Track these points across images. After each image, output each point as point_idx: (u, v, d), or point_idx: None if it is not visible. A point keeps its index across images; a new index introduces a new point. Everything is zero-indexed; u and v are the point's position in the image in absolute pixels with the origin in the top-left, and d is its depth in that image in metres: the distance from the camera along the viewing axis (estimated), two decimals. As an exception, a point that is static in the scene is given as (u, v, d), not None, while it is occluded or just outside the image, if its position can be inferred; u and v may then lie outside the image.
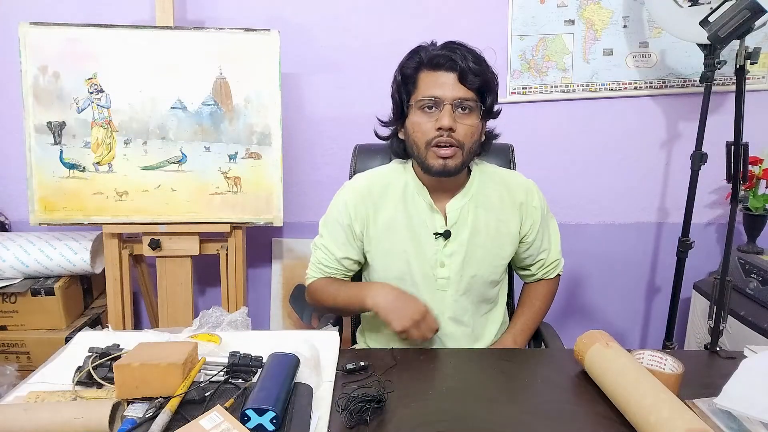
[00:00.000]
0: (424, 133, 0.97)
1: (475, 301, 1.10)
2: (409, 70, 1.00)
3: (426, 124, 0.97)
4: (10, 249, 1.74)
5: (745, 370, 0.80)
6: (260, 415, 0.69)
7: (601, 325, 2.12)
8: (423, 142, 0.98)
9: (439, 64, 0.96)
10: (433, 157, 0.98)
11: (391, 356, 0.93)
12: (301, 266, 2.03)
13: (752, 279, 1.69)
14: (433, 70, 0.97)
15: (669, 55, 1.85)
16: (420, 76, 0.99)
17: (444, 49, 0.97)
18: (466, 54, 0.96)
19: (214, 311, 1.04)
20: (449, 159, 0.97)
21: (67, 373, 0.84)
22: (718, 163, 1.31)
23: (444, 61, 0.96)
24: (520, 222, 1.10)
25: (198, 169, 1.66)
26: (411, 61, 1.00)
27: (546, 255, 1.17)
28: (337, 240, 1.11)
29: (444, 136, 0.95)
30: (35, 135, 1.60)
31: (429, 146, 0.97)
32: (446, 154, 0.96)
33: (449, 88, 0.96)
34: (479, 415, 0.77)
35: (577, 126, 1.93)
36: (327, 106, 1.91)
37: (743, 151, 1.15)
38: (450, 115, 0.94)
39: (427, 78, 0.98)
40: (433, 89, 0.96)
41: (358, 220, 1.08)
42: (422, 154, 0.99)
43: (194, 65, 1.62)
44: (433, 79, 0.97)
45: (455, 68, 0.95)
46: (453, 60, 0.95)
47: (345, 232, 1.09)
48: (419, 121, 0.98)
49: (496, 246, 1.08)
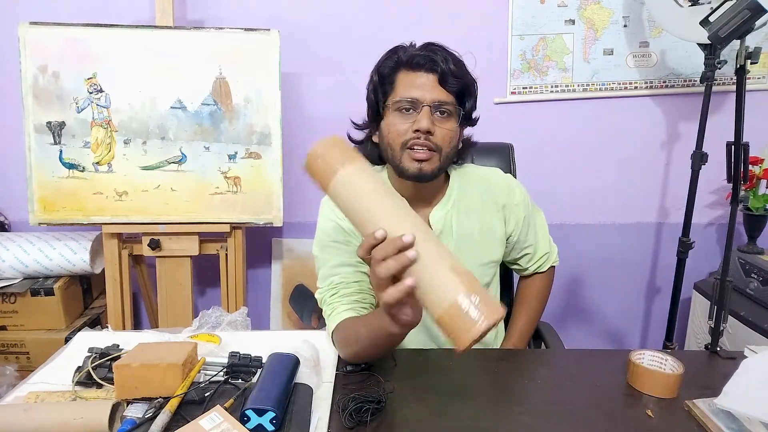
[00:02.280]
0: (400, 134, 0.92)
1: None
2: (387, 69, 0.95)
3: (402, 125, 0.92)
4: (10, 249, 1.74)
5: (745, 370, 0.80)
6: (260, 416, 0.69)
7: (601, 325, 2.12)
8: (398, 144, 0.93)
9: (419, 65, 0.92)
10: (408, 159, 0.92)
11: (391, 356, 0.93)
12: (301, 266, 2.03)
13: (752, 279, 1.69)
14: (412, 71, 0.93)
15: (669, 55, 1.85)
16: (398, 77, 0.94)
17: (424, 50, 0.93)
18: (447, 56, 0.93)
19: (214, 311, 1.04)
20: (425, 162, 0.92)
21: (66, 374, 0.84)
22: (719, 163, 1.31)
23: (424, 61, 0.91)
24: (504, 223, 1.07)
25: (198, 169, 1.66)
26: (389, 61, 0.95)
27: (532, 249, 1.14)
28: (341, 252, 1.00)
29: (421, 139, 0.90)
30: (35, 135, 1.60)
31: (404, 148, 0.92)
32: (422, 156, 0.91)
33: (428, 89, 0.91)
34: (479, 415, 0.77)
35: (577, 126, 1.93)
36: (327, 106, 1.91)
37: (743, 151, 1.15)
38: (428, 117, 0.90)
39: (405, 78, 0.93)
40: (412, 90, 0.91)
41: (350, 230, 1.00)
42: (397, 156, 0.93)
43: (194, 65, 1.62)
44: (412, 80, 0.92)
45: (435, 69, 0.91)
46: (433, 61, 0.91)
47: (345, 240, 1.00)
48: (395, 122, 0.93)
49: (484, 250, 1.05)
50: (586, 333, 2.12)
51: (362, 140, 1.05)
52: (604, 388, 0.85)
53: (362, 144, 1.05)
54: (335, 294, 0.97)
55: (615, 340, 2.13)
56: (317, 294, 1.01)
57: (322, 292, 1.00)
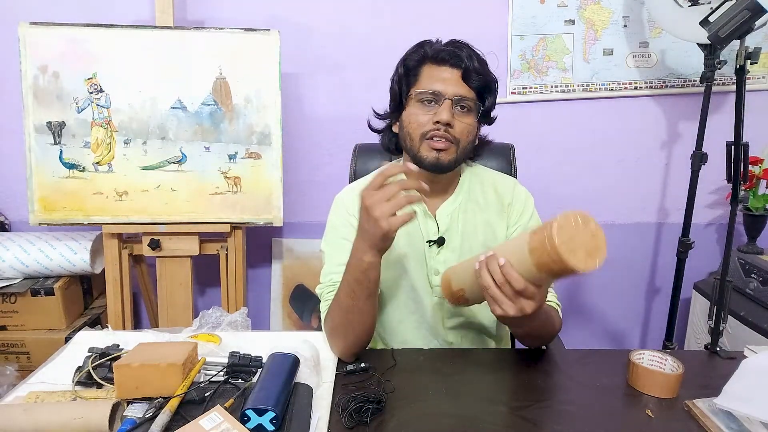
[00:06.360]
0: (421, 124, 0.95)
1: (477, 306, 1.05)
2: (413, 62, 0.99)
3: (423, 116, 0.95)
4: (10, 249, 1.74)
5: (745, 370, 0.80)
6: (260, 416, 0.69)
7: (601, 325, 2.12)
8: (418, 134, 0.96)
9: (444, 60, 0.96)
10: (426, 149, 0.95)
11: (391, 356, 0.93)
12: (301, 266, 2.03)
13: (752, 279, 1.69)
14: (436, 65, 0.96)
15: (669, 55, 1.85)
16: (423, 69, 0.98)
17: (450, 46, 0.97)
18: (471, 54, 0.96)
19: (214, 311, 1.04)
20: (443, 152, 0.95)
21: (66, 373, 0.84)
22: (718, 163, 1.31)
23: (449, 56, 0.95)
24: (506, 226, 1.07)
25: (198, 169, 1.66)
26: (415, 54, 0.99)
27: None
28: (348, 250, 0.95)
29: (441, 131, 0.93)
30: (35, 135, 1.60)
31: (424, 138, 0.95)
32: (440, 146, 0.94)
33: (451, 84, 0.94)
34: (479, 415, 0.77)
35: (577, 126, 1.93)
36: (327, 106, 1.91)
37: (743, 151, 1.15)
38: (449, 110, 0.93)
39: (429, 71, 0.97)
40: (435, 83, 0.95)
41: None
42: (416, 146, 0.97)
43: (194, 65, 1.62)
44: (436, 74, 0.96)
45: (459, 65, 0.95)
46: (458, 57, 0.95)
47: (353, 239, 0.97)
48: (417, 113, 0.96)
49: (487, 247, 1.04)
50: (586, 333, 2.12)
51: (382, 129, 1.09)
52: (604, 388, 0.85)
53: (381, 133, 1.09)
54: (332, 291, 0.97)
55: (615, 340, 2.13)
56: (317, 289, 1.03)
57: (322, 288, 1.01)
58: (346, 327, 0.91)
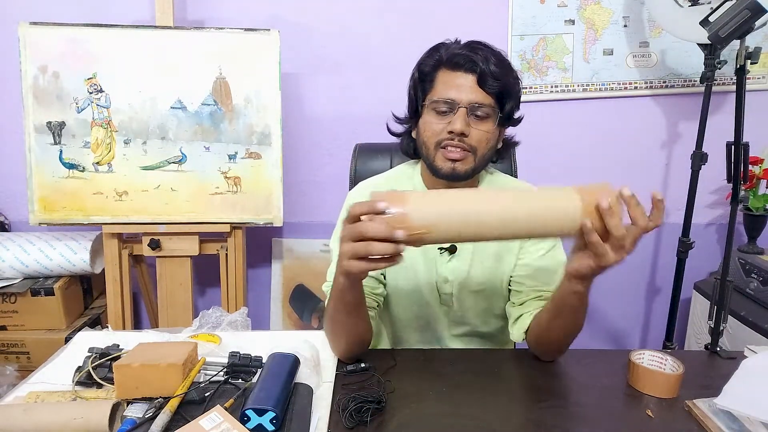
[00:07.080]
0: (435, 133, 0.92)
1: (484, 317, 1.06)
2: (428, 67, 0.95)
3: (437, 125, 0.92)
4: (10, 249, 1.74)
5: (745, 370, 0.80)
6: (260, 416, 0.69)
7: (601, 325, 2.12)
8: (433, 143, 0.93)
9: (459, 64, 0.91)
10: (441, 159, 0.92)
11: (391, 356, 0.93)
12: (301, 266, 2.03)
13: (752, 279, 1.69)
14: (451, 70, 0.92)
15: (669, 55, 1.85)
16: (438, 75, 0.94)
17: (465, 49, 0.92)
18: (489, 56, 0.91)
19: (214, 311, 1.04)
20: (458, 162, 0.92)
21: (66, 374, 0.84)
22: (718, 163, 1.31)
23: (464, 61, 0.90)
24: None
25: (198, 169, 1.66)
26: (430, 59, 0.95)
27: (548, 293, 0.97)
28: None
29: (455, 141, 0.90)
30: (35, 135, 1.60)
31: (438, 147, 0.92)
32: (455, 156, 0.91)
33: (466, 90, 0.90)
34: (479, 416, 0.77)
35: (577, 126, 1.93)
36: (327, 106, 1.91)
37: (743, 151, 1.15)
38: (463, 119, 0.89)
39: (444, 78, 0.93)
40: (449, 91, 0.91)
41: None
42: (431, 155, 0.94)
43: (194, 65, 1.62)
44: (451, 80, 0.92)
45: (475, 70, 0.90)
46: (473, 61, 0.90)
47: None
48: (431, 121, 0.93)
49: (499, 259, 1.02)
50: (586, 333, 2.10)
51: (401, 133, 1.06)
52: (604, 388, 0.85)
53: (400, 137, 1.06)
54: None
55: (615, 340, 2.13)
56: (323, 286, 1.02)
57: (327, 287, 1.00)
58: (338, 334, 0.91)
